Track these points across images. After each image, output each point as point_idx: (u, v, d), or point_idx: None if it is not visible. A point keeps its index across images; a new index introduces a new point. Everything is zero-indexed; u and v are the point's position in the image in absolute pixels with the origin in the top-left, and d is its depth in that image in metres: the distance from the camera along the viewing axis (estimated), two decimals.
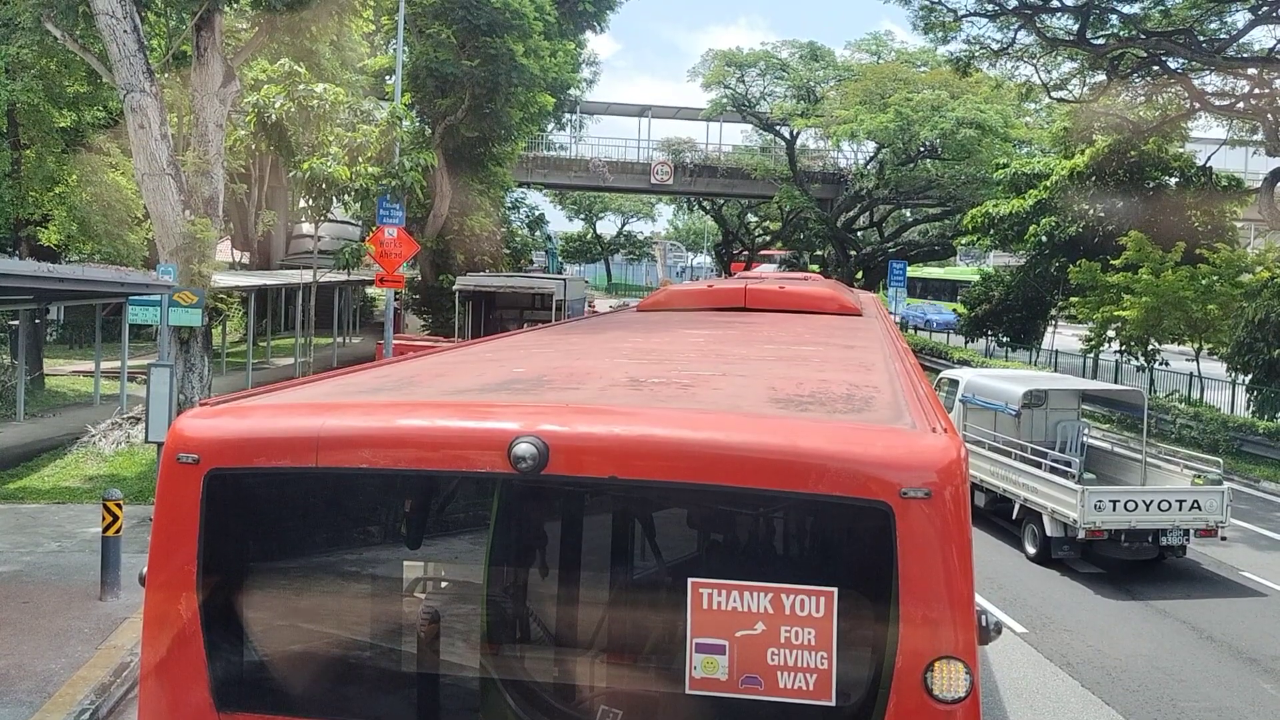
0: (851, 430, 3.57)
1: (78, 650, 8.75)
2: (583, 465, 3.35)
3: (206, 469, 3.54)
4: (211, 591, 3.51)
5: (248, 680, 3.55)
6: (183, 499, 3.60)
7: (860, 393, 4.35)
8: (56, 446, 17.00)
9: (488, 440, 3.36)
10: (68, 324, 33.06)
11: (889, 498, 3.19)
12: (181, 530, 3.58)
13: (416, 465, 3.48)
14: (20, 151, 22.15)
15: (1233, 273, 24.95)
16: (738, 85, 52.20)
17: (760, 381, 4.61)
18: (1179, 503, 12.57)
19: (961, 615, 3.21)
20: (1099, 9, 26.16)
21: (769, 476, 3.27)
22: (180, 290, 15.48)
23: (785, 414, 3.84)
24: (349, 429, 3.55)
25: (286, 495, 3.65)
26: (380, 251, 24.79)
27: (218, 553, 3.54)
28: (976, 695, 3.20)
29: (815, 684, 3.20)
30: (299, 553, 3.71)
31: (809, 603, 3.20)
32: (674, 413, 3.77)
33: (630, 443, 3.38)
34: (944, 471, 3.23)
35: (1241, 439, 21.25)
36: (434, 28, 29.06)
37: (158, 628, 3.56)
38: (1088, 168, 31.64)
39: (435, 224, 32.53)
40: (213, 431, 3.64)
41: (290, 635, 3.62)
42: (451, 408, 3.81)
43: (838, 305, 9.09)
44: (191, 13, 17.50)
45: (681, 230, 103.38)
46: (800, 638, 3.20)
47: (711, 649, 3.23)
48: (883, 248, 52.61)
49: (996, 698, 8.89)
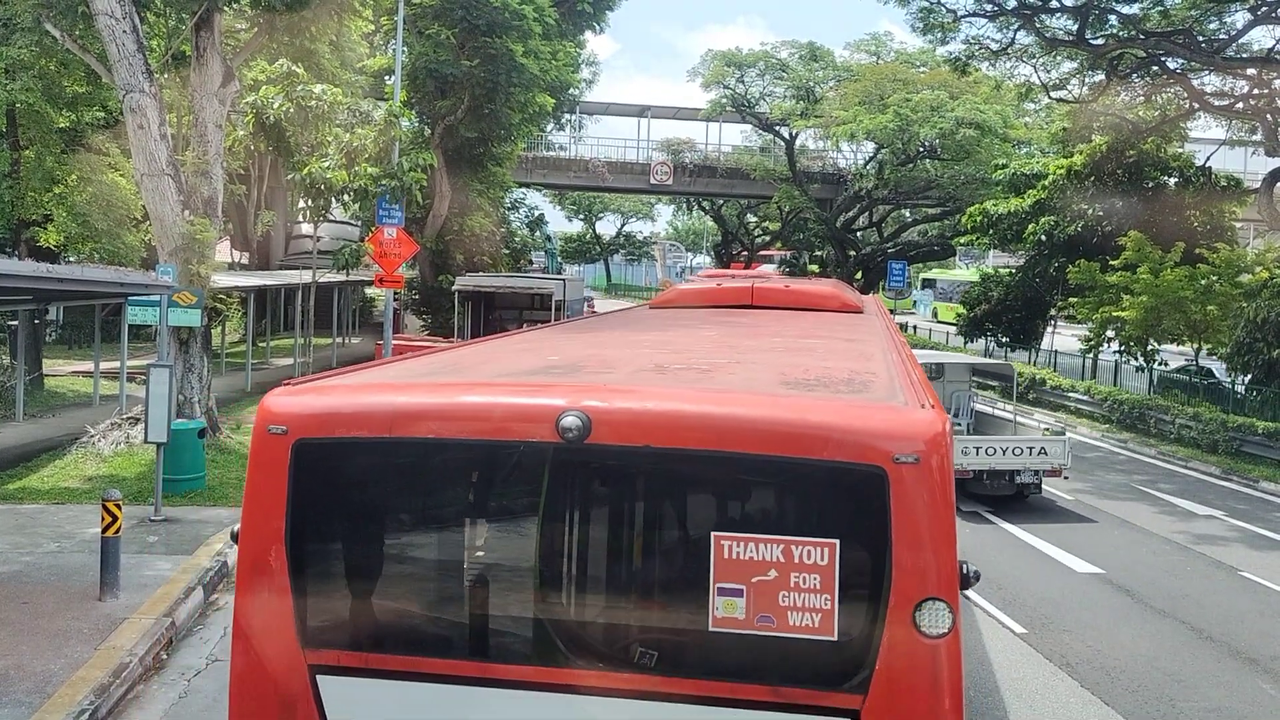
0: (852, 406, 4.12)
1: (77, 650, 8.75)
2: (621, 435, 3.88)
3: (294, 439, 4.05)
4: (297, 545, 4.02)
5: (329, 621, 4.04)
6: (273, 465, 4.07)
7: (860, 377, 4.91)
8: (56, 447, 16.99)
9: (539, 414, 3.92)
10: (67, 324, 33.05)
11: (884, 463, 3.72)
12: (271, 492, 4.06)
13: (477, 435, 4.05)
14: (20, 152, 22.15)
15: (1232, 273, 24.95)
16: (737, 85, 52.21)
17: (771, 368, 5.17)
18: (1029, 449, 15.79)
19: (945, 564, 3.73)
20: (1098, 9, 26.16)
21: (781, 445, 3.83)
22: (179, 290, 15.46)
23: (795, 393, 4.39)
24: (418, 404, 4.17)
25: (363, 461, 4.17)
26: (379, 252, 24.78)
27: (303, 511, 4.04)
28: (958, 631, 3.75)
29: (820, 622, 3.73)
30: (374, 511, 4.21)
31: (815, 553, 3.74)
32: (698, 392, 4.39)
33: (662, 416, 3.95)
34: (930, 441, 3.76)
35: (1241, 439, 21.27)
36: (433, 28, 29.03)
37: (250, 577, 4.07)
38: (1085, 167, 31.64)
39: (434, 224, 32.52)
40: (299, 407, 4.16)
41: (366, 582, 4.15)
42: (505, 386, 4.43)
43: (839, 303, 9.52)
44: (191, 13, 17.49)
45: (681, 230, 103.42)
46: (807, 582, 3.73)
47: (731, 592, 3.76)
48: (882, 248, 52.62)
49: (997, 698, 8.89)
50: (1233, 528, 15.84)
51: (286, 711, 3.99)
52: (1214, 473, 20.37)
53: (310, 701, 3.99)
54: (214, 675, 8.85)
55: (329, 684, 4.00)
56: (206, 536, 12.50)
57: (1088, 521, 15.81)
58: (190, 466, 14.63)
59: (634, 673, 3.88)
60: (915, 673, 3.69)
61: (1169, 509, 17.01)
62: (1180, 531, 15.37)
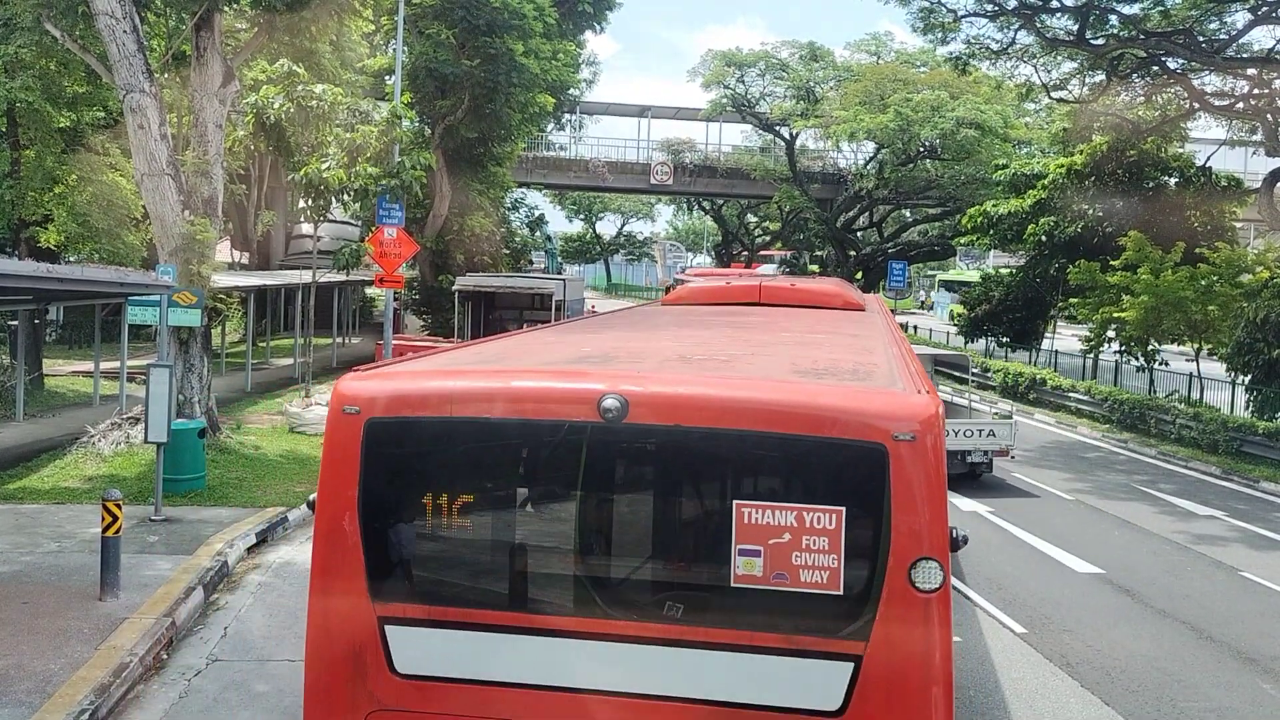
0: (857, 391, 4.66)
1: (77, 650, 8.75)
2: (655, 415, 4.40)
3: (366, 418, 4.57)
4: (368, 511, 4.52)
5: (395, 577, 4.57)
6: (347, 441, 4.57)
7: (863, 367, 5.46)
8: (56, 447, 16.99)
9: (583, 397, 4.43)
10: (67, 324, 33.04)
11: (884, 440, 4.21)
12: (345, 464, 4.56)
13: (527, 415, 4.58)
14: (20, 151, 22.14)
15: (1232, 273, 24.93)
16: (737, 85, 52.22)
17: (784, 358, 5.83)
18: (979, 431, 17.09)
19: (937, 528, 4.23)
20: (1098, 9, 26.15)
21: (794, 424, 4.35)
22: (179, 290, 15.46)
23: (806, 380, 4.98)
24: (475, 388, 4.73)
25: (426, 438, 4.70)
26: (380, 252, 24.77)
27: (373, 482, 4.55)
28: (948, 587, 4.27)
29: (828, 578, 4.24)
30: (435, 482, 4.71)
31: (823, 518, 4.24)
32: (721, 378, 4.95)
33: (691, 399, 4.48)
34: (925, 422, 4.26)
35: (1241, 439, 21.26)
36: (434, 28, 29.03)
37: (326, 540, 4.57)
38: (1086, 167, 31.63)
39: (435, 224, 32.52)
40: (370, 390, 4.66)
41: (428, 543, 4.74)
42: (550, 373, 5.02)
43: (843, 301, 10.02)
44: (191, 13, 17.48)
45: (681, 230, 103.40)
46: (816, 544, 4.23)
47: (750, 553, 4.28)
48: (882, 248, 52.63)
49: (997, 697, 8.89)
50: (1233, 528, 15.83)
51: (356, 657, 4.49)
52: (1214, 473, 20.37)
53: (378, 648, 4.49)
54: (214, 675, 8.85)
55: (395, 633, 4.50)
56: (207, 536, 12.50)
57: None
58: (190, 466, 14.63)
59: (663, 623, 4.38)
60: (910, 622, 4.18)
61: (1169, 509, 17.01)
62: (1180, 531, 15.36)
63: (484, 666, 4.46)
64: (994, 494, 17.22)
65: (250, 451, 17.78)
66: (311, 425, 20.08)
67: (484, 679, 4.45)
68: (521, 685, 4.41)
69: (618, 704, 4.34)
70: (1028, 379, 29.82)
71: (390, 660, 4.48)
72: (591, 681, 4.35)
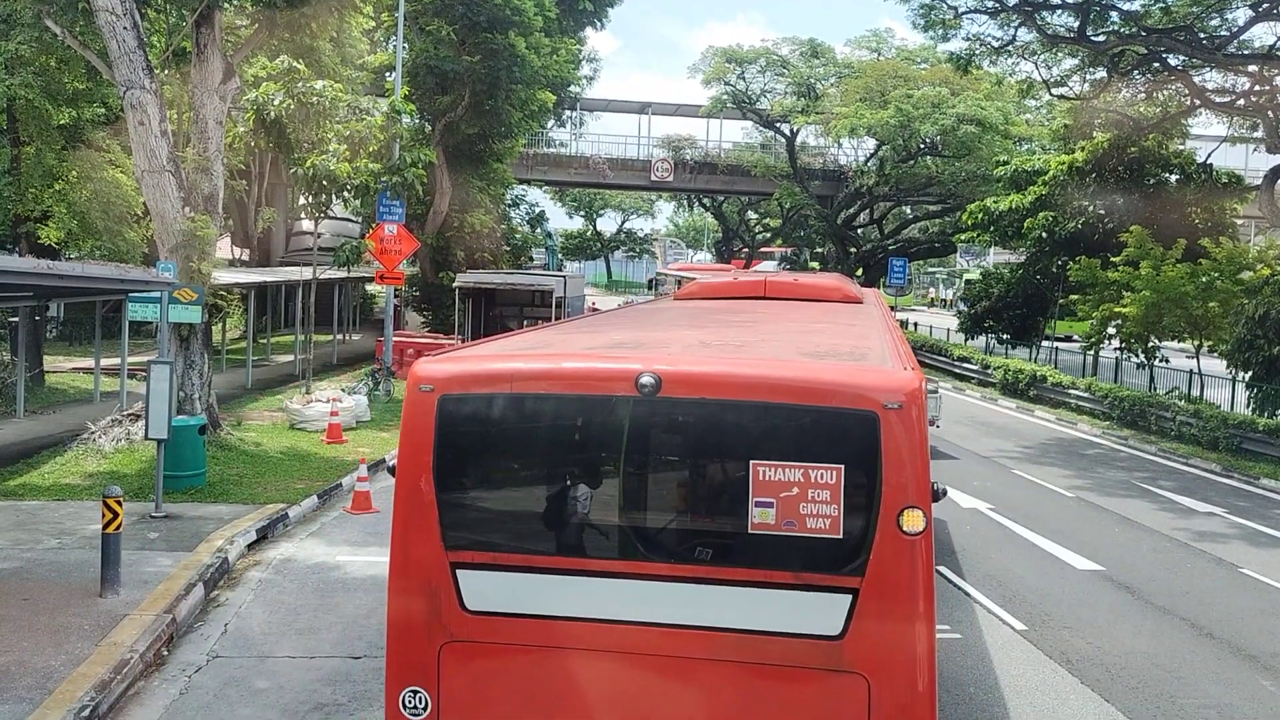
0: (852, 369, 5.43)
1: (78, 647, 8.76)
2: (684, 390, 5.14)
3: (439, 394, 5.30)
4: (441, 472, 5.25)
5: (464, 528, 5.29)
6: (423, 414, 5.31)
7: (858, 349, 6.23)
8: (56, 443, 17.00)
9: (622, 375, 5.18)
10: (68, 321, 33.05)
11: (876, 409, 4.92)
12: (421, 433, 5.30)
13: (577, 390, 5.33)
14: (20, 148, 22.13)
15: (1233, 269, 24.91)
16: (738, 82, 52.15)
17: (790, 343, 6.65)
18: None
19: (921, 482, 4.92)
20: (1099, 6, 26.12)
21: (801, 396, 5.11)
22: (180, 287, 15.46)
23: (809, 360, 5.78)
24: (532, 369, 5.50)
25: (490, 411, 5.42)
26: (380, 248, 24.77)
27: (445, 448, 5.28)
28: (930, 531, 4.95)
29: (829, 525, 4.94)
30: (498, 447, 5.54)
31: (825, 475, 4.95)
32: (738, 359, 5.85)
33: (714, 376, 5.29)
34: (910, 394, 4.97)
35: (1242, 436, 21.26)
36: (434, 24, 29.01)
37: (405, 499, 5.29)
38: (1087, 163, 31.59)
39: (435, 221, 32.50)
40: (442, 372, 5.41)
41: (492, 500, 5.57)
42: (594, 356, 5.81)
43: (842, 295, 10.68)
44: (191, 9, 17.47)
45: (681, 227, 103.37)
46: (820, 496, 4.93)
47: (765, 505, 4.99)
48: (883, 245, 52.58)
49: (996, 695, 8.90)
50: (1233, 525, 15.84)
51: (431, 596, 5.23)
52: (1215, 470, 20.37)
53: (450, 588, 5.22)
54: (214, 672, 8.86)
55: (465, 576, 5.25)
56: (207, 533, 12.50)
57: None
58: (191, 463, 14.64)
59: (693, 564, 5.16)
60: (899, 560, 4.89)
61: (1170, 506, 17.01)
62: (1181, 528, 15.37)
63: (541, 603, 5.19)
64: (994, 491, 17.23)
65: (251, 448, 17.79)
66: (312, 422, 20.08)
67: (541, 613, 5.19)
68: (573, 618, 5.15)
69: (654, 633, 5.08)
70: (1028, 376, 29.82)
71: (461, 599, 5.23)
72: (632, 614, 5.09)
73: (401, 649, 5.29)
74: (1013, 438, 23.49)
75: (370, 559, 12.30)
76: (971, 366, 34.04)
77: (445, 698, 5.22)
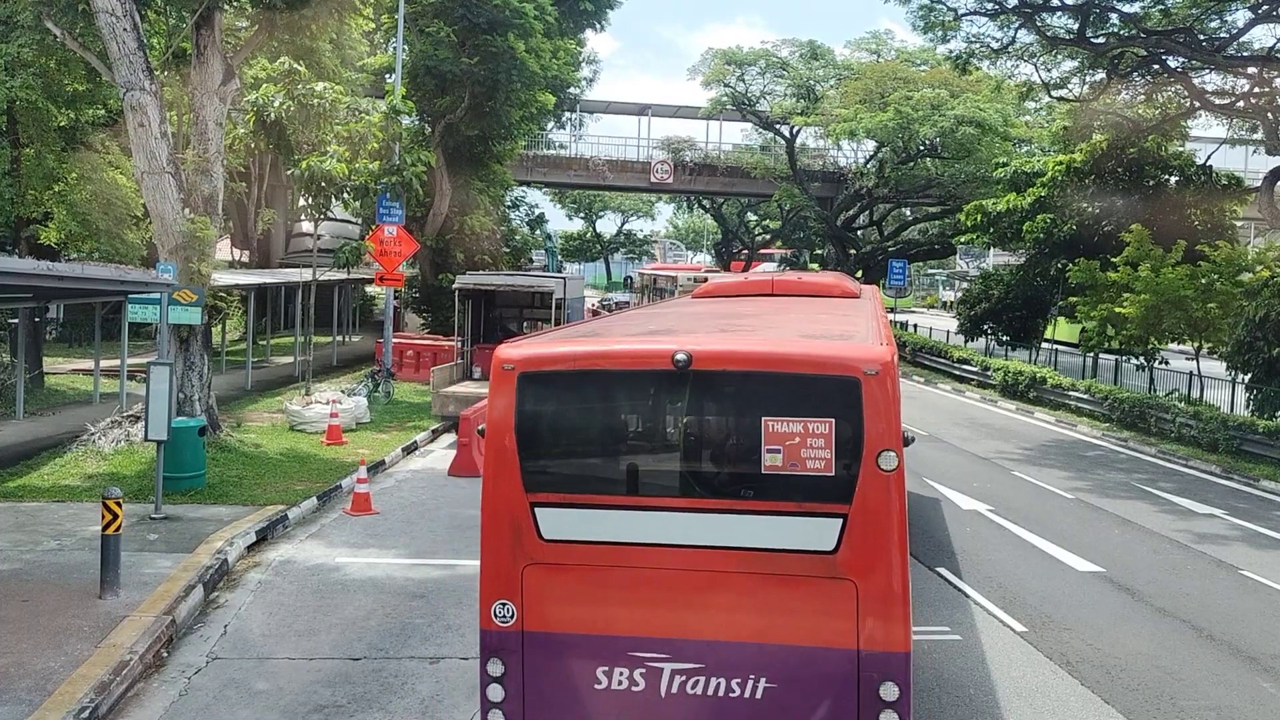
0: (841, 345, 6.77)
1: (77, 648, 8.75)
2: (710, 364, 6.39)
3: (518, 372, 6.49)
4: (521, 432, 6.46)
5: (539, 476, 6.49)
6: (506, 387, 6.48)
7: (848, 332, 7.59)
8: (56, 445, 17.00)
9: (662, 354, 6.40)
10: (67, 322, 33.06)
11: (859, 374, 6.14)
12: (505, 402, 6.47)
13: (627, 365, 6.66)
14: (20, 150, 22.13)
15: (1233, 271, 24.91)
16: (737, 84, 52.16)
17: (793, 328, 8.13)
18: None
19: (894, 430, 6.12)
20: (1099, 8, 26.13)
21: (801, 366, 6.37)
22: (180, 289, 15.46)
23: (808, 339, 7.13)
24: (591, 350, 6.89)
25: (558, 383, 6.66)
26: (380, 250, 24.78)
27: (523, 412, 6.48)
28: (902, 468, 6.12)
29: (824, 465, 6.15)
30: (564, 412, 6.75)
31: (820, 426, 6.16)
32: (752, 338, 7.31)
33: (734, 353, 6.64)
34: (884, 364, 6.18)
35: (1241, 438, 21.25)
36: (434, 26, 28.99)
37: (493, 453, 6.48)
38: (1086, 164, 31.60)
39: (435, 222, 32.49)
40: (520, 354, 6.58)
41: (561, 451, 6.75)
42: (637, 339, 7.31)
43: (840, 291, 11.93)
44: (191, 11, 17.48)
45: (681, 229, 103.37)
46: (816, 443, 6.15)
47: (774, 451, 6.20)
48: (882, 246, 52.57)
49: (996, 697, 8.90)
50: (1234, 526, 15.83)
51: (515, 529, 6.44)
52: (1214, 471, 20.37)
53: (530, 522, 6.43)
54: (214, 673, 8.86)
55: (541, 512, 6.44)
56: (207, 534, 12.50)
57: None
58: (190, 464, 14.64)
59: (718, 498, 6.46)
60: (877, 491, 6.11)
61: (1169, 507, 17.01)
62: (1181, 530, 15.36)
63: (601, 531, 6.47)
64: (994, 493, 17.22)
65: (250, 450, 17.78)
66: (312, 423, 20.07)
67: (601, 540, 6.46)
68: (628, 543, 6.44)
69: (690, 552, 6.37)
70: (1027, 377, 29.81)
71: (538, 530, 6.44)
72: (672, 538, 6.39)
73: (492, 571, 6.55)
74: (1012, 439, 23.49)
75: (370, 560, 12.30)
76: (971, 368, 34.02)
77: (527, 607, 6.50)
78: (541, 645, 6.53)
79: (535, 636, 6.52)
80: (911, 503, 7.48)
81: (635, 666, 6.44)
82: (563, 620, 6.49)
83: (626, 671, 6.45)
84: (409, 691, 8.61)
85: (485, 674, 6.59)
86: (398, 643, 9.68)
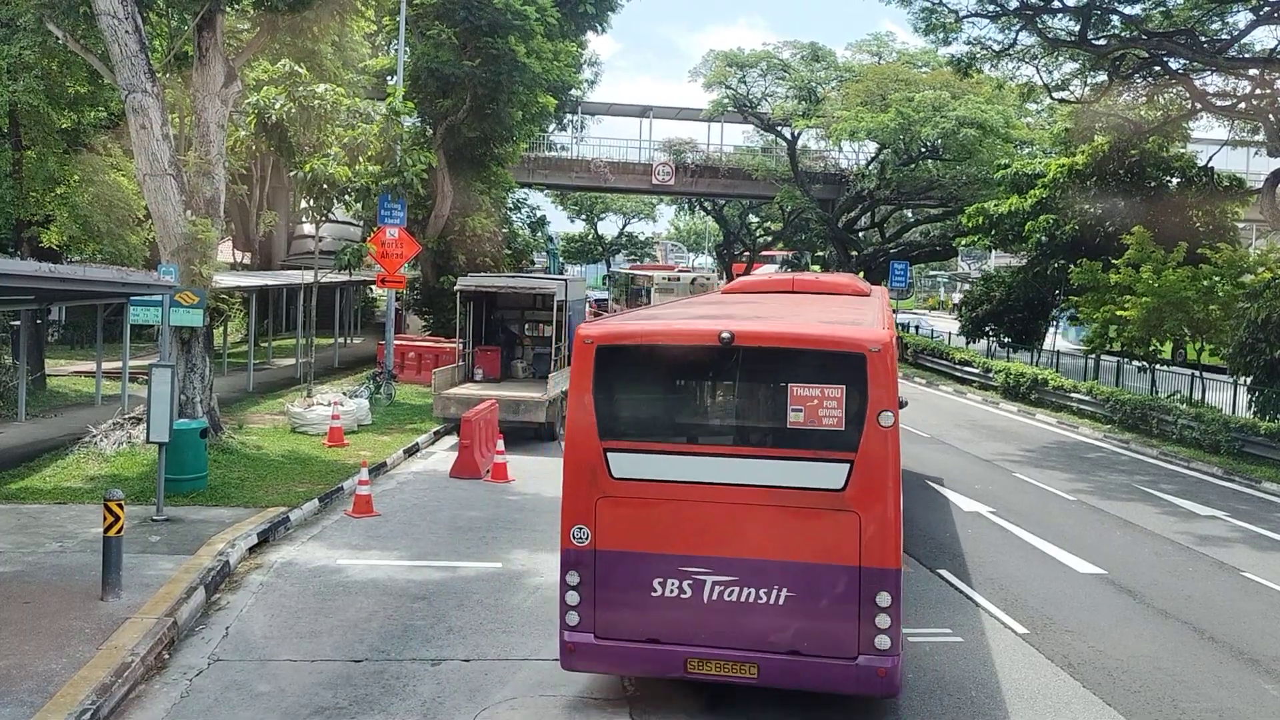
0: (851, 328, 8.31)
1: (79, 650, 8.76)
2: (748, 341, 8.02)
3: (596, 345, 8.09)
4: (596, 392, 8.04)
5: (613, 427, 8.08)
6: (586, 357, 8.06)
7: (857, 320, 9.05)
8: (58, 447, 17.01)
9: (711, 333, 8.02)
10: (69, 324, 33.08)
11: (865, 351, 7.73)
12: (585, 367, 8.06)
13: (683, 342, 8.22)
14: (21, 152, 22.14)
15: (1234, 273, 24.89)
16: (739, 86, 52.11)
17: (814, 317, 9.53)
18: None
19: (891, 394, 7.71)
20: (1100, 10, 26.12)
21: (819, 344, 8.05)
22: (182, 291, 15.47)
23: (825, 324, 8.71)
24: (655, 328, 8.64)
25: (629, 353, 8.25)
26: (382, 252, 24.78)
27: (599, 377, 8.06)
28: (897, 425, 7.73)
29: (836, 421, 7.70)
30: (632, 377, 8.30)
31: (834, 391, 7.72)
32: (781, 322, 9.00)
33: (767, 333, 8.35)
34: (885, 343, 7.76)
35: (1243, 439, 21.24)
36: (435, 28, 29.00)
37: (575, 409, 8.09)
38: (1087, 166, 31.58)
39: (436, 225, 32.48)
40: (597, 331, 8.24)
41: (628, 407, 8.36)
42: (690, 319, 8.93)
43: (853, 289, 13.91)
44: (193, 13, 17.50)
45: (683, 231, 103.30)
46: (830, 405, 7.72)
47: (798, 410, 7.77)
48: (884, 248, 52.53)
49: (998, 699, 8.89)
50: (1235, 528, 15.82)
51: (591, 471, 8.03)
52: (1216, 473, 20.35)
53: (603, 464, 8.00)
54: (216, 675, 8.86)
55: (612, 455, 8.02)
56: (208, 536, 12.51)
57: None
58: (192, 466, 14.65)
59: (754, 447, 8.08)
60: (877, 442, 7.66)
61: (1171, 509, 17.00)
62: (1183, 532, 15.35)
63: (661, 471, 8.06)
64: (996, 494, 17.22)
65: (252, 451, 17.79)
66: (313, 425, 20.08)
67: (661, 479, 8.04)
68: (682, 481, 8.00)
69: (731, 489, 7.91)
70: (1029, 379, 29.80)
71: (610, 470, 8.01)
72: (719, 478, 7.93)
73: (572, 502, 8.12)
74: (1014, 441, 23.48)
75: (371, 562, 12.30)
76: (973, 370, 34.01)
77: (599, 531, 8.04)
78: (609, 561, 8.05)
79: (605, 554, 8.04)
80: (912, 503, 8.65)
81: (684, 578, 7.95)
82: (626, 541, 8.02)
83: (677, 582, 7.97)
84: (410, 693, 8.61)
85: (564, 583, 8.16)
86: (399, 644, 9.69)
